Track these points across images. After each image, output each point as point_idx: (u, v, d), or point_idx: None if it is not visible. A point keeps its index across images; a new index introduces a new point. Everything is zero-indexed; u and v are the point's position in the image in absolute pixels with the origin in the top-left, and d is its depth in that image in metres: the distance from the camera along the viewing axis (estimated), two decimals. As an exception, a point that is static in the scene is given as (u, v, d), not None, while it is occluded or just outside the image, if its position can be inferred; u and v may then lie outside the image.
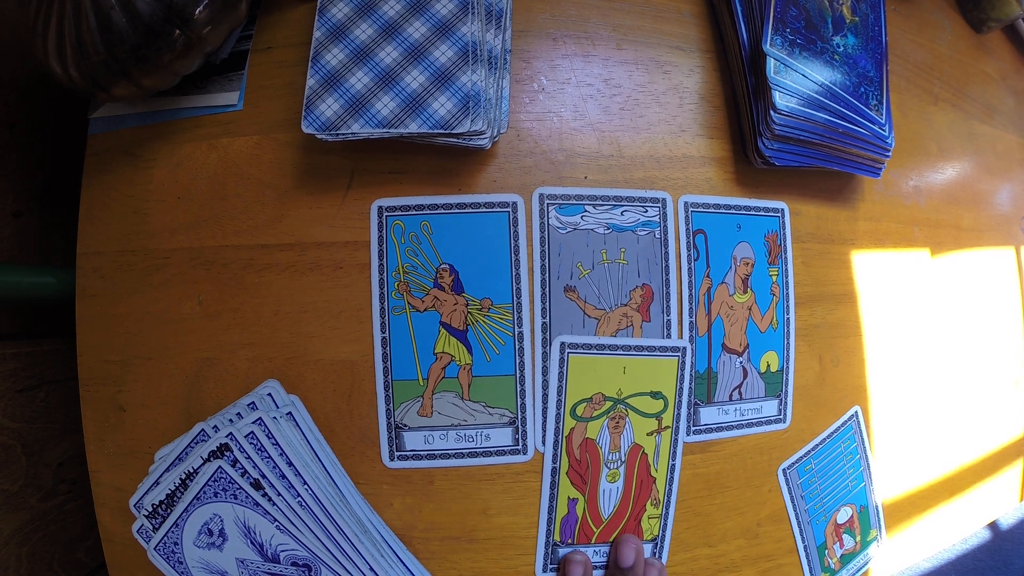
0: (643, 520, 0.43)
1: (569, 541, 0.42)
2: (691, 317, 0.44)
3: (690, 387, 0.43)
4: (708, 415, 0.44)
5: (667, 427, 0.43)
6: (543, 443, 0.41)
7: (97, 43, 0.34)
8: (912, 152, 0.57)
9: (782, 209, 0.47)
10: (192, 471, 0.38)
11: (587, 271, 0.42)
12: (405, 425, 0.40)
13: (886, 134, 0.47)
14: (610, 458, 0.42)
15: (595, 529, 0.42)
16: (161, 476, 0.39)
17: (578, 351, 0.41)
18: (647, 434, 0.43)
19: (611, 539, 0.42)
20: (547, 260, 0.41)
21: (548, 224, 0.42)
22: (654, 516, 0.43)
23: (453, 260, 0.41)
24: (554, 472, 0.41)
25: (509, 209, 0.41)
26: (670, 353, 0.43)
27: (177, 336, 0.41)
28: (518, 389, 0.41)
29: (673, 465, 0.43)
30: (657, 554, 0.43)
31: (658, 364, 0.43)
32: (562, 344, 0.41)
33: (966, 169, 0.61)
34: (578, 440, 0.41)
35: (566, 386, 0.41)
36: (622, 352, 0.42)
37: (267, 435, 0.39)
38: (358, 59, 0.38)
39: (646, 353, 0.42)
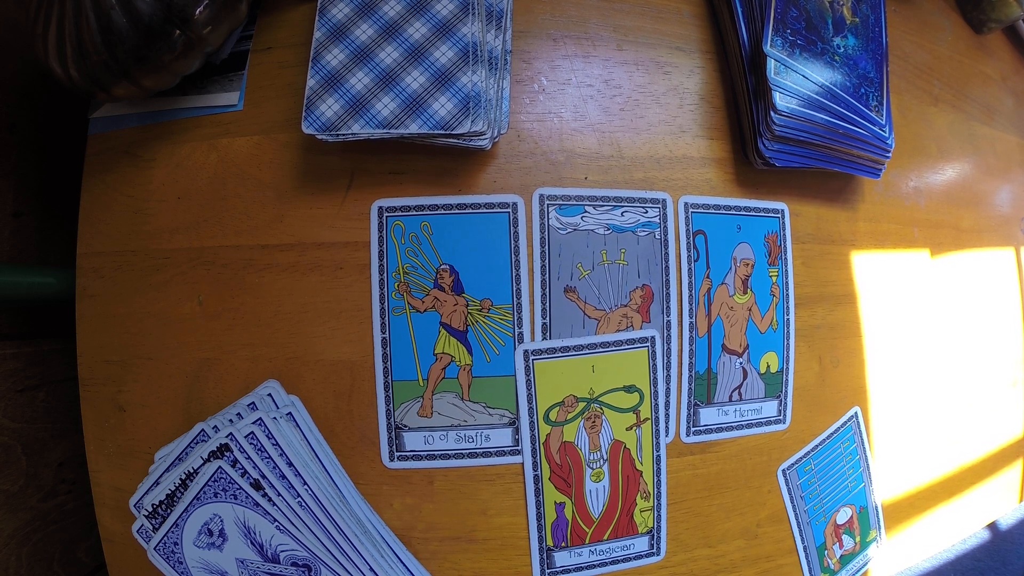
0: (635, 514, 0.43)
1: (563, 544, 0.42)
2: (691, 318, 0.44)
3: (665, 375, 0.43)
4: (708, 416, 0.44)
5: (646, 419, 0.43)
6: (521, 452, 0.41)
7: (97, 43, 0.34)
8: (912, 153, 0.57)
9: (782, 210, 0.47)
10: (192, 471, 0.38)
11: (587, 272, 0.42)
12: (405, 425, 0.40)
13: (886, 135, 0.47)
14: (591, 458, 0.42)
15: (587, 530, 0.42)
16: (161, 476, 0.39)
17: (542, 356, 0.41)
18: (626, 429, 0.43)
19: (605, 537, 0.42)
20: (547, 261, 0.41)
21: (548, 225, 0.42)
22: (646, 509, 0.43)
23: (453, 261, 0.41)
24: (536, 479, 0.41)
25: (509, 210, 0.41)
26: (639, 345, 0.42)
27: (177, 336, 0.41)
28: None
29: (658, 456, 0.43)
30: (654, 546, 0.43)
31: (628, 358, 0.42)
32: (525, 352, 0.41)
33: (966, 170, 0.62)
34: (556, 445, 0.41)
35: (535, 393, 0.41)
36: (588, 351, 0.42)
37: (267, 435, 0.39)
38: (358, 59, 0.38)
39: (613, 348, 0.42)
